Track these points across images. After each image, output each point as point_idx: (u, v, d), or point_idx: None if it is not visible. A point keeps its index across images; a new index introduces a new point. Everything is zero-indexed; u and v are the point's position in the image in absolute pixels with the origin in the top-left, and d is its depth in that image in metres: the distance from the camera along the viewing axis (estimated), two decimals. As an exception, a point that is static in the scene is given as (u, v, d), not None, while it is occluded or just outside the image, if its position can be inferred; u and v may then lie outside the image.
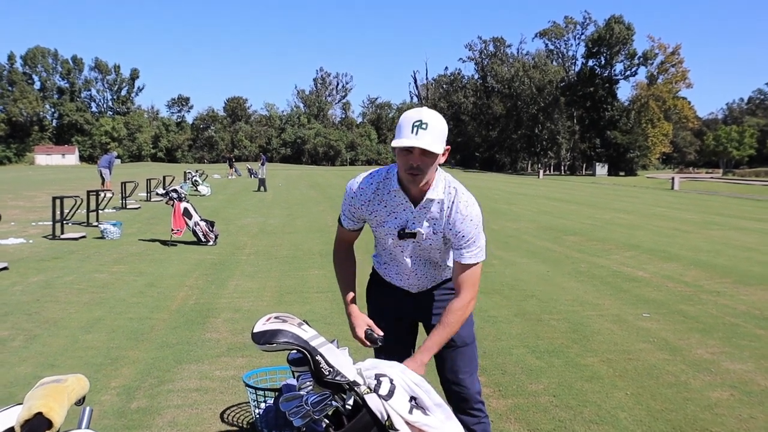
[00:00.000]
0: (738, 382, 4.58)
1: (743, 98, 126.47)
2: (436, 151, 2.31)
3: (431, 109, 2.39)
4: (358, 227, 2.74)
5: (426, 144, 2.28)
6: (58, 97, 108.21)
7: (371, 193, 2.59)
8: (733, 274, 8.80)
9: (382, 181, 2.58)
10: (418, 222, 2.53)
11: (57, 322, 6.03)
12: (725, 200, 27.14)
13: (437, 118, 2.35)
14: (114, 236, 11.84)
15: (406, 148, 2.33)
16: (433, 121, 2.32)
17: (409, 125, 2.31)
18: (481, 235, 2.56)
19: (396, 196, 2.53)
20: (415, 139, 2.28)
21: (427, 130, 2.30)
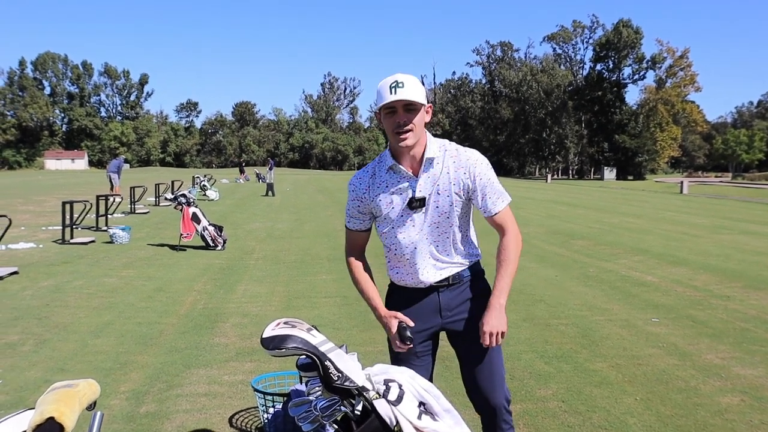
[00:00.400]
0: (749, 387, 4.55)
1: (753, 102, 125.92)
2: (418, 100, 2.37)
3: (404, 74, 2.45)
4: (365, 227, 2.71)
5: (408, 96, 2.35)
6: (67, 102, 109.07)
7: (368, 179, 2.61)
8: (743, 279, 8.75)
9: (376, 165, 2.62)
10: (424, 187, 2.52)
11: (67, 326, 6.06)
12: (735, 204, 27.00)
13: (412, 77, 2.42)
14: (123, 241, 11.89)
15: (389, 107, 2.40)
16: (409, 80, 2.40)
17: (386, 88, 2.39)
18: (495, 177, 2.59)
19: (394, 172, 2.54)
20: (395, 96, 2.36)
21: (405, 87, 2.37)
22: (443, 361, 5.10)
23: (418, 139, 2.46)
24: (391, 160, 2.53)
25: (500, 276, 2.54)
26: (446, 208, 2.53)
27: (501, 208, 2.57)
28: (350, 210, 2.68)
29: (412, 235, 2.58)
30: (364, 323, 6.25)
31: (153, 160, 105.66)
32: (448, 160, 2.53)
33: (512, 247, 2.56)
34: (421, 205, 2.52)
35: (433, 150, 2.51)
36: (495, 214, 2.57)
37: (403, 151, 2.50)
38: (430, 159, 2.50)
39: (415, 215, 2.54)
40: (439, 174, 2.51)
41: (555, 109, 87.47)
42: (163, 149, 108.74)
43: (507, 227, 2.58)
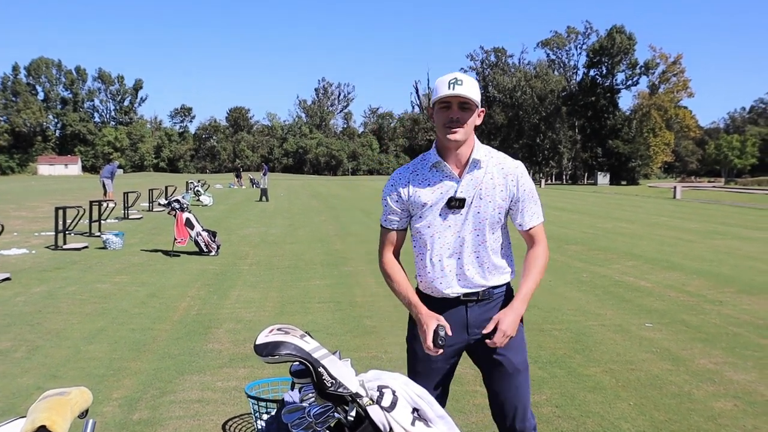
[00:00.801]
0: (741, 392, 4.56)
1: (745, 107, 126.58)
2: (474, 98, 2.39)
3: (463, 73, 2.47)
4: (401, 226, 2.63)
5: (466, 93, 2.36)
6: (61, 108, 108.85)
7: (409, 174, 2.57)
8: (736, 284, 8.78)
9: (418, 162, 2.59)
10: (466, 189, 2.47)
11: (59, 332, 6.03)
12: (727, 209, 27.11)
13: (471, 78, 2.45)
14: (116, 246, 11.85)
15: (444, 101, 2.40)
16: (468, 79, 2.41)
17: (444, 83, 2.39)
18: (537, 194, 2.59)
19: (438, 170, 2.50)
20: (453, 91, 2.36)
21: (463, 85, 2.38)
22: (437, 366, 5.10)
23: (467, 139, 2.46)
24: (436, 157, 2.50)
25: (527, 281, 2.53)
26: (487, 214, 2.48)
27: (537, 223, 2.58)
28: (387, 207, 2.62)
29: (447, 238, 2.51)
30: (357, 329, 6.25)
31: (147, 165, 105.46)
32: (494, 167, 2.50)
33: (542, 257, 2.57)
34: (461, 206, 2.46)
35: (480, 153, 2.50)
36: (530, 228, 2.57)
37: (449, 149, 2.48)
38: (476, 161, 2.48)
39: (453, 217, 2.48)
40: (483, 179, 2.48)
41: (549, 114, 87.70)
42: (156, 154, 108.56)
43: (538, 240, 2.59)
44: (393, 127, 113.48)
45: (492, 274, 2.56)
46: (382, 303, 7.41)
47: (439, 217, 2.49)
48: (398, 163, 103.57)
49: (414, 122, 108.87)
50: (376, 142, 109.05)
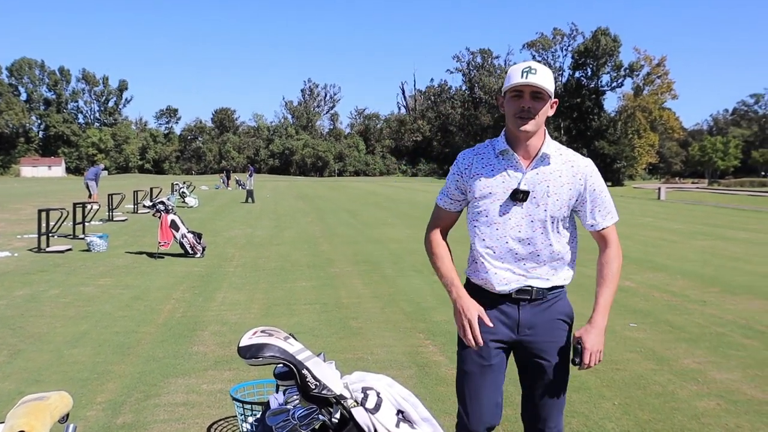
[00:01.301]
0: (724, 391, 4.60)
1: (728, 109, 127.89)
2: (547, 88, 2.30)
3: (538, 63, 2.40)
4: (454, 208, 2.55)
5: (539, 82, 2.29)
6: (44, 109, 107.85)
7: (472, 156, 2.49)
8: (720, 284, 8.86)
9: (484, 146, 2.51)
10: (531, 182, 2.36)
11: (42, 336, 5.97)
12: (711, 210, 27.38)
13: (546, 68, 2.36)
14: (100, 249, 11.75)
15: (516, 90, 2.32)
16: (542, 68, 2.34)
17: (518, 71, 2.32)
18: (608, 191, 2.49)
19: (504, 158, 2.41)
20: (526, 80, 2.29)
21: (537, 74, 2.30)
22: (423, 367, 5.10)
23: (537, 130, 2.36)
24: (504, 145, 2.41)
25: (604, 290, 2.46)
26: (553, 211, 2.38)
27: (609, 224, 2.48)
28: (448, 186, 2.54)
29: (507, 230, 2.39)
30: (343, 330, 6.24)
31: (132, 167, 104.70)
32: (564, 164, 2.40)
33: (616, 262, 2.48)
34: (524, 198, 2.35)
35: (551, 148, 2.40)
36: (602, 229, 2.47)
37: (519, 139, 2.38)
38: (545, 155, 2.38)
39: (515, 209, 2.37)
40: (551, 174, 2.38)
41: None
42: (141, 156, 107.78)
43: (609, 241, 2.48)
44: (379, 128, 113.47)
45: (550, 273, 2.46)
46: (368, 304, 7.40)
47: (500, 207, 2.39)
48: (384, 164, 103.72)
49: (400, 123, 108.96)
50: (363, 143, 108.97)
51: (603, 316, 2.42)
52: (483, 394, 2.44)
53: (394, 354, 5.46)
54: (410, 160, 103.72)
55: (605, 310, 2.43)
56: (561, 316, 2.50)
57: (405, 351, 5.50)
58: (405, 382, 4.21)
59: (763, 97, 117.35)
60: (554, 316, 2.47)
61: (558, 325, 2.48)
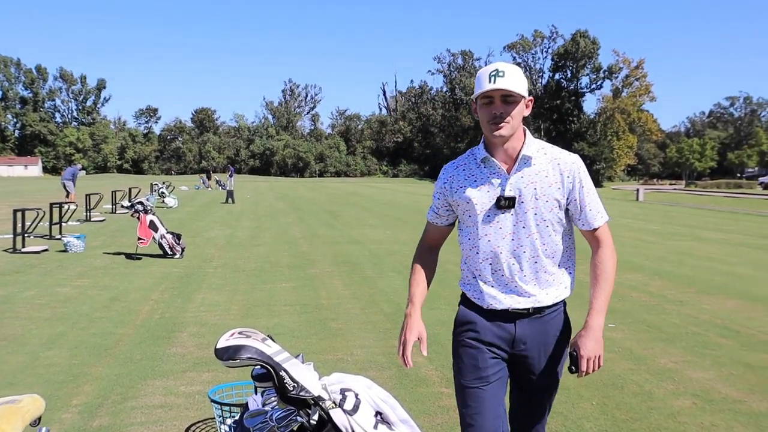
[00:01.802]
0: (700, 390, 4.66)
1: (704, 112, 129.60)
2: (517, 91, 2.19)
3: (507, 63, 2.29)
4: (442, 222, 2.49)
5: (507, 86, 2.17)
6: (20, 107, 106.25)
7: (453, 169, 2.41)
8: (696, 284, 8.98)
9: (466, 157, 2.42)
10: (516, 186, 2.27)
11: (17, 338, 5.88)
12: (688, 211, 27.73)
13: (514, 67, 2.26)
14: (77, 249, 11.61)
15: (486, 96, 2.22)
16: (511, 69, 2.23)
17: (486, 76, 2.22)
18: (595, 190, 2.37)
19: (486, 166, 2.32)
20: (494, 84, 2.19)
21: (505, 77, 2.19)
22: (402, 369, 5.10)
23: (515, 132, 2.26)
24: (483, 153, 2.32)
25: (597, 294, 2.32)
26: (545, 215, 2.28)
27: (601, 223, 2.35)
28: (434, 202, 2.48)
29: (496, 241, 2.30)
30: (323, 331, 6.23)
31: (110, 166, 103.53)
32: (549, 163, 2.30)
33: (610, 261, 2.36)
34: (510, 205, 2.26)
35: (532, 148, 2.30)
36: (595, 229, 2.35)
37: (496, 145, 2.29)
38: (526, 157, 2.28)
39: (503, 218, 2.28)
40: (536, 175, 2.28)
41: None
42: (120, 156, 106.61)
43: (602, 241, 2.37)
44: (360, 128, 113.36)
45: (547, 285, 2.34)
46: (348, 305, 7.39)
47: (486, 217, 2.30)
48: (365, 165, 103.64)
49: (381, 124, 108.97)
50: (344, 143, 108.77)
51: (598, 320, 2.29)
52: (484, 408, 2.33)
53: (374, 355, 5.46)
54: (391, 161, 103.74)
55: (600, 312, 2.30)
56: (558, 332, 2.39)
57: (385, 352, 5.50)
58: (384, 384, 4.22)
59: (738, 99, 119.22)
60: (551, 332, 2.37)
61: (554, 341, 2.38)
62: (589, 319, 2.29)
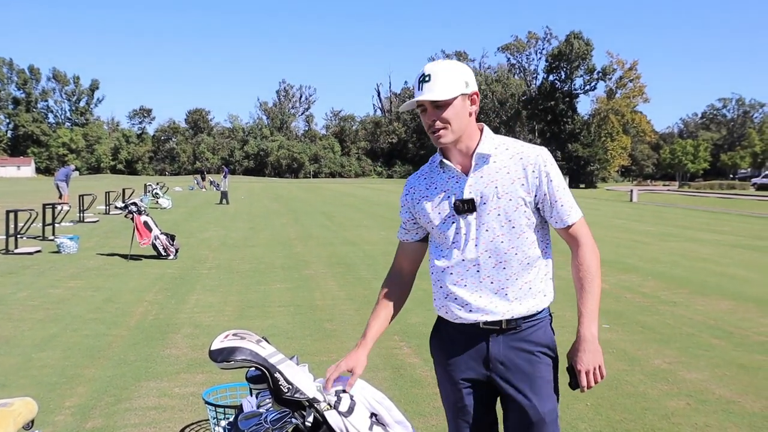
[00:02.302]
0: (694, 391, 4.67)
1: (697, 113, 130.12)
2: (441, 98, 2.00)
3: (441, 60, 2.14)
4: (411, 237, 2.31)
5: (430, 96, 2.00)
6: (13, 108, 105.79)
7: (414, 180, 2.27)
8: (690, 285, 9.00)
9: (428, 165, 2.27)
10: (475, 188, 2.09)
11: (9, 340, 5.85)
12: (682, 212, 27.81)
13: (444, 65, 2.07)
14: (71, 250, 11.56)
15: (420, 105, 2.07)
16: (438, 70, 2.04)
17: (416, 84, 2.07)
18: (566, 185, 2.17)
19: (444, 171, 2.16)
20: (420, 94, 2.04)
21: (432, 81, 2.02)
22: (397, 369, 5.10)
23: (462, 133, 2.09)
24: (439, 157, 2.17)
25: (585, 297, 2.12)
26: (510, 215, 2.08)
27: (576, 219, 2.15)
28: (401, 216, 2.33)
29: (460, 249, 2.12)
30: (318, 332, 6.22)
31: (103, 167, 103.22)
32: (512, 158, 2.11)
33: (592, 260, 2.15)
34: (470, 209, 2.08)
35: (488, 146, 2.12)
36: (570, 226, 2.15)
37: (448, 148, 2.13)
38: (482, 155, 2.10)
39: (464, 222, 2.10)
40: (497, 173, 2.09)
41: (509, 118, 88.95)
42: (114, 156, 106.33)
43: (580, 239, 2.17)
44: (355, 129, 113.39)
45: (521, 295, 2.12)
46: (343, 306, 7.38)
47: (446, 224, 2.13)
48: (360, 166, 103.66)
49: (376, 125, 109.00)
50: (338, 144, 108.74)
51: (591, 328, 2.10)
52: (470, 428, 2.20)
53: (369, 356, 5.43)
54: (386, 162, 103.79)
55: (592, 319, 2.11)
56: (540, 348, 2.16)
57: (379, 353, 5.49)
58: (379, 385, 4.21)
59: (731, 101, 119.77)
60: (531, 348, 2.13)
61: (537, 359, 2.14)
62: (581, 328, 2.11)
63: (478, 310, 2.11)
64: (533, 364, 2.13)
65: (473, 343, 2.14)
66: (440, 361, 2.25)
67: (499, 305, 2.09)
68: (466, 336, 2.15)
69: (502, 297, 2.10)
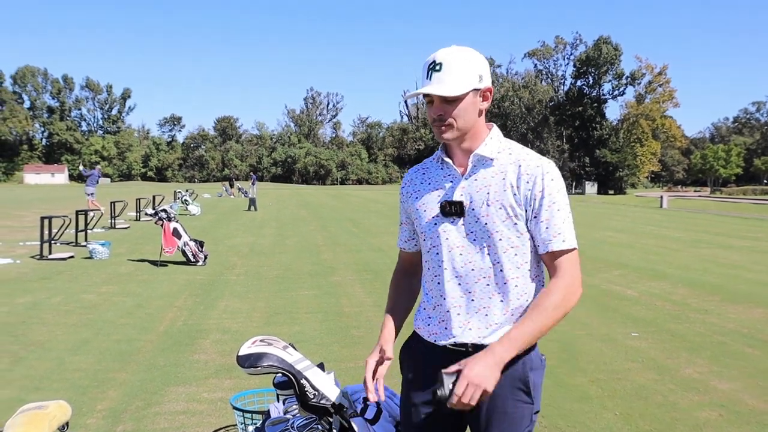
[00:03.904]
0: (726, 401, 4.59)
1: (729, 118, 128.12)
2: (451, 93, 1.79)
3: (454, 46, 1.86)
4: (410, 247, 2.13)
5: (439, 89, 1.79)
6: (47, 116, 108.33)
7: (413, 172, 2.08)
8: (721, 293, 8.84)
9: (431, 159, 2.06)
10: (468, 191, 1.87)
11: (43, 344, 5.97)
12: (713, 218, 27.33)
13: (456, 53, 1.83)
14: (102, 256, 11.77)
15: (426, 95, 1.86)
16: (450, 59, 1.81)
17: (424, 70, 1.85)
18: (568, 207, 1.89)
19: (442, 167, 1.96)
20: (428, 84, 1.82)
21: (442, 71, 1.80)
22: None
23: (468, 131, 1.87)
24: (441, 152, 1.98)
25: (523, 321, 1.80)
26: (499, 225, 1.83)
27: (563, 247, 1.84)
28: (400, 215, 2.13)
29: (442, 256, 1.90)
30: (345, 339, 6.24)
31: (134, 174, 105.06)
32: (512, 164, 1.87)
33: (557, 294, 1.81)
34: (458, 212, 1.86)
35: (491, 148, 1.89)
36: (553, 253, 1.85)
37: (451, 145, 1.94)
38: (482, 157, 1.88)
39: (450, 229, 1.89)
40: (492, 178, 1.87)
41: (536, 124, 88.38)
42: (144, 163, 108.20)
43: (561, 271, 1.84)
44: (382, 136, 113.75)
45: (503, 320, 1.87)
46: (370, 313, 7.40)
47: (432, 226, 1.92)
48: (387, 173, 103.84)
49: (403, 132, 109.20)
50: (365, 151, 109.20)
51: (504, 348, 1.74)
52: None
53: (395, 364, 5.44)
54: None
55: (513, 342, 1.75)
56: (511, 380, 1.85)
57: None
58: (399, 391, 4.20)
59: (765, 104, 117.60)
60: (501, 381, 1.77)
61: (506, 392, 1.84)
62: (496, 343, 1.76)
63: (447, 331, 1.89)
64: (504, 400, 1.85)
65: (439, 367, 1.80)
66: (405, 378, 2.06)
67: (473, 329, 1.86)
68: (437, 356, 1.92)
69: (479, 319, 1.86)
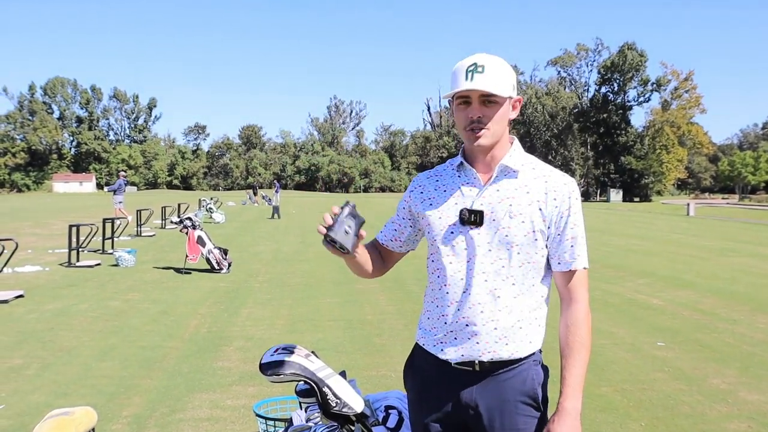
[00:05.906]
0: (756, 413, 4.50)
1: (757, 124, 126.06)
2: (499, 93, 1.78)
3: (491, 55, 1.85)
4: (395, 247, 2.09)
5: (484, 86, 1.76)
6: (76, 126, 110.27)
7: (425, 178, 2.03)
8: (751, 302, 8.68)
9: (444, 166, 2.03)
10: (489, 200, 1.84)
11: (71, 350, 6.06)
12: (742, 226, 26.88)
13: (497, 60, 1.83)
14: (128, 264, 11.92)
15: (462, 97, 1.82)
16: (492, 63, 1.80)
17: (462, 72, 1.80)
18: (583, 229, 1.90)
19: (460, 175, 1.92)
20: (470, 83, 1.77)
21: (485, 73, 1.77)
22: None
23: (498, 139, 1.86)
24: (459, 158, 1.94)
25: (571, 365, 1.82)
26: (519, 239, 1.81)
27: (581, 266, 1.87)
28: (396, 213, 2.09)
29: (453, 267, 1.87)
30: (368, 347, 6.24)
31: (160, 183, 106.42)
32: (537, 179, 1.87)
33: (584, 323, 1.85)
34: (477, 221, 1.82)
35: (516, 160, 1.89)
36: (573, 272, 1.87)
37: (476, 153, 1.89)
38: (507, 168, 1.87)
39: (467, 236, 1.85)
40: (516, 190, 1.84)
41: (560, 131, 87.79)
42: (170, 172, 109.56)
43: (578, 295, 1.87)
44: (405, 144, 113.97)
45: (514, 336, 1.84)
46: (393, 321, 7.39)
47: (449, 234, 1.87)
48: (410, 180, 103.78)
49: (426, 140, 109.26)
50: (388, 159, 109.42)
51: (574, 402, 1.79)
52: None
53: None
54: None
55: (576, 391, 1.80)
56: (521, 396, 1.85)
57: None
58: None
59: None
60: (510, 397, 1.83)
61: (516, 408, 1.84)
62: (563, 400, 1.79)
63: (452, 347, 1.86)
64: (512, 416, 1.84)
65: (446, 382, 1.87)
66: (412, 394, 2.01)
67: (483, 344, 1.82)
68: (440, 373, 1.90)
69: (490, 336, 1.82)
